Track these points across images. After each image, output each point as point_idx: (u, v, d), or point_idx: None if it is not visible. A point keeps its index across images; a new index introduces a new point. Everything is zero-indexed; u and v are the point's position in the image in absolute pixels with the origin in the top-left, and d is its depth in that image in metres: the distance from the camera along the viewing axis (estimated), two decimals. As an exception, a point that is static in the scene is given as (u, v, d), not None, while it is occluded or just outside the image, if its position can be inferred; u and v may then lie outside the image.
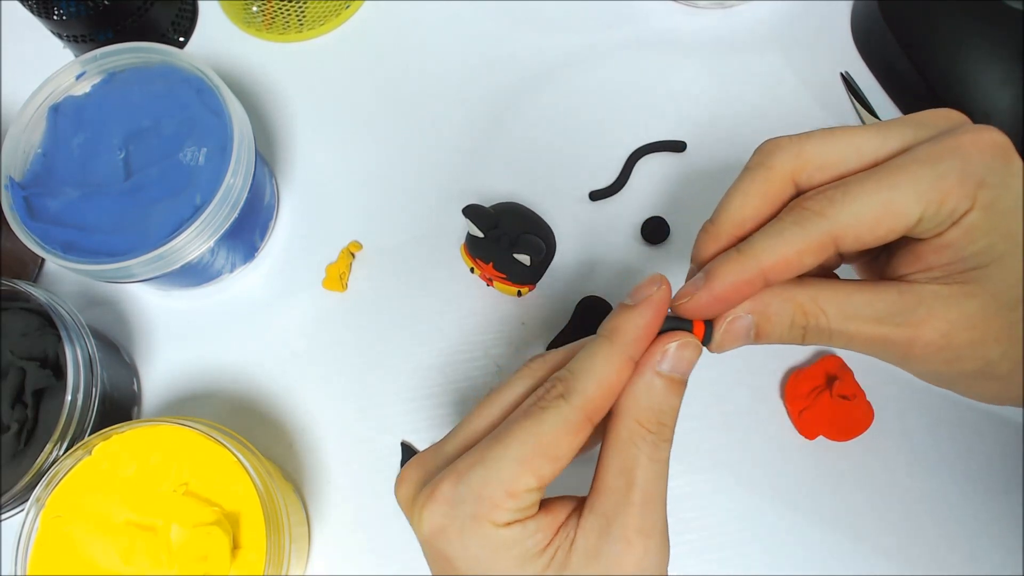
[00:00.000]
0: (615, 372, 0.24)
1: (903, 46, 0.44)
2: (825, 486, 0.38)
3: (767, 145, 0.25)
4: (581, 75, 0.48)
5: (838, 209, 0.23)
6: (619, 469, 0.23)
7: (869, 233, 0.23)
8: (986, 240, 0.22)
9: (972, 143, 0.22)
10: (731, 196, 0.25)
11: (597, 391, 0.23)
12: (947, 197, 0.22)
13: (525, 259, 0.38)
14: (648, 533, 0.23)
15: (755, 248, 0.23)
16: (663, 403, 0.24)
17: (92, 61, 0.40)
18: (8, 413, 0.35)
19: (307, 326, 0.43)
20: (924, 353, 0.23)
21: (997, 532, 0.37)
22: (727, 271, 0.24)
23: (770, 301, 0.24)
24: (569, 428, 0.23)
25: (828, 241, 0.23)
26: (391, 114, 0.47)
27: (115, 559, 0.32)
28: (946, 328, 0.23)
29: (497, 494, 0.22)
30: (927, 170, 0.22)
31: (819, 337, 0.24)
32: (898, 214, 0.22)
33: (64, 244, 0.36)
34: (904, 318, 0.23)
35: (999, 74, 0.41)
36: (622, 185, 0.44)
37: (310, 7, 0.49)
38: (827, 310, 0.24)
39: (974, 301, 0.23)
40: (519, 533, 0.23)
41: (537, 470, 0.22)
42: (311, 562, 0.38)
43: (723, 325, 0.24)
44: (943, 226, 0.23)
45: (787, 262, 0.23)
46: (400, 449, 0.40)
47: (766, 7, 0.49)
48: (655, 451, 0.23)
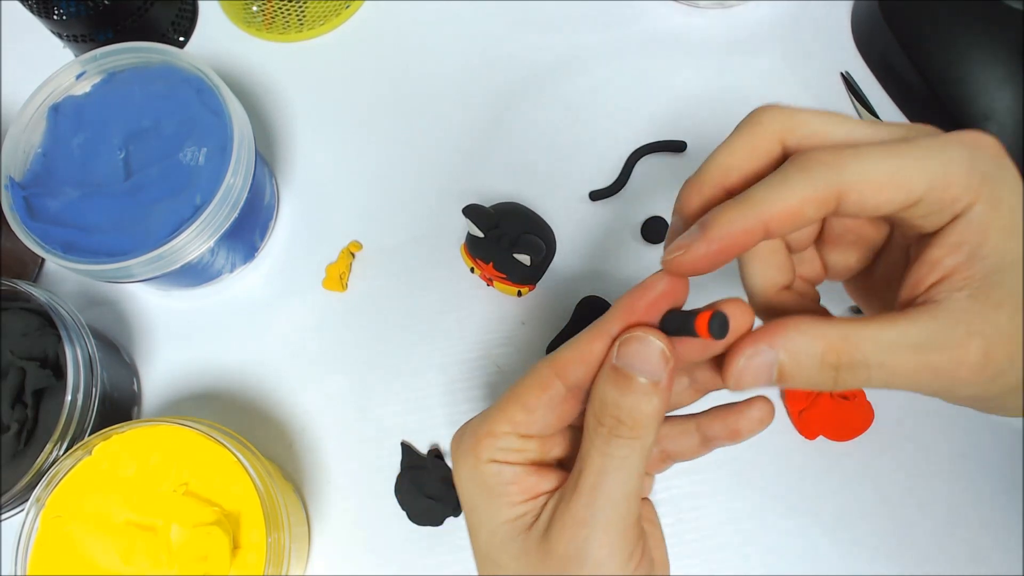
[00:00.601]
0: (590, 340, 0.24)
1: (903, 46, 0.44)
2: (825, 486, 0.38)
3: (760, 107, 0.25)
4: (581, 75, 0.48)
5: (847, 163, 0.22)
6: (579, 455, 0.24)
7: (874, 195, 0.22)
8: (998, 237, 0.22)
9: (976, 140, 0.22)
10: (718, 149, 0.25)
11: (568, 353, 0.24)
12: (952, 182, 0.22)
13: (525, 259, 0.38)
14: (582, 523, 0.23)
15: (755, 196, 0.22)
16: (615, 398, 0.23)
17: (92, 61, 0.40)
18: (8, 413, 0.35)
19: (307, 326, 0.43)
20: (969, 376, 0.22)
21: (997, 532, 0.37)
22: (725, 219, 0.22)
23: (795, 338, 0.22)
24: (537, 381, 0.25)
25: (832, 195, 0.22)
26: (391, 114, 0.47)
27: (115, 559, 0.32)
28: (985, 345, 0.22)
29: (480, 433, 0.25)
30: (936, 152, 0.22)
31: (855, 376, 0.22)
32: (903, 184, 0.22)
33: (64, 244, 0.36)
34: (946, 341, 0.22)
35: (999, 74, 0.41)
36: (622, 185, 0.44)
37: (310, 7, 0.49)
38: (862, 346, 0.22)
39: (1003, 311, 0.22)
40: (494, 472, 0.25)
41: (509, 417, 0.25)
42: (311, 562, 0.38)
43: (742, 360, 0.23)
44: (943, 215, 0.22)
45: (789, 211, 0.22)
46: (400, 449, 0.40)
47: (766, 7, 0.49)
48: (606, 446, 0.23)
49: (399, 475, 0.39)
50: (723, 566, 0.37)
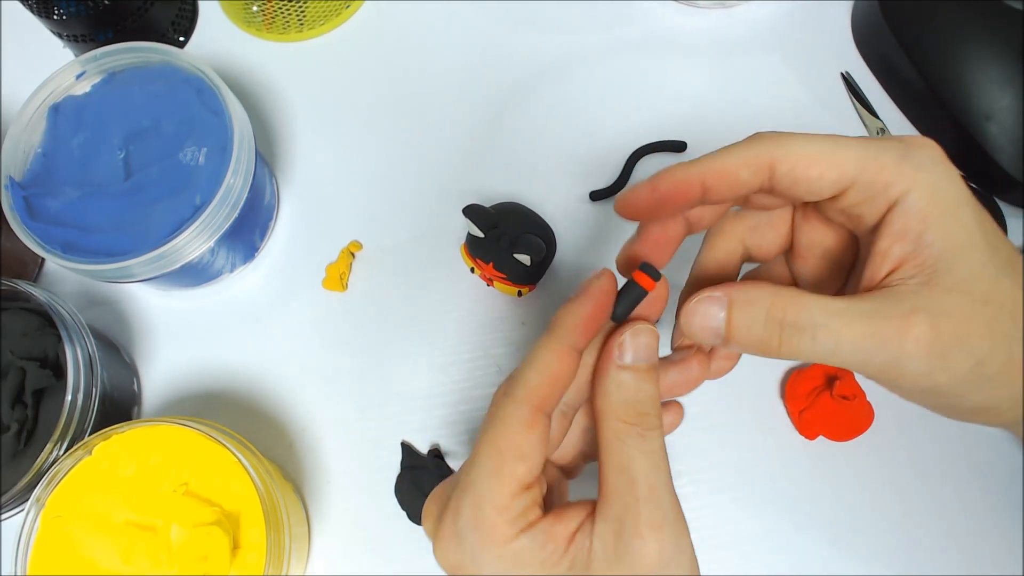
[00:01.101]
0: (555, 360, 0.24)
1: (903, 46, 0.44)
2: (825, 486, 0.38)
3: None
4: (581, 75, 0.48)
5: (785, 140, 0.24)
6: (616, 469, 0.23)
7: (805, 170, 0.23)
8: (940, 224, 0.23)
9: (916, 140, 0.24)
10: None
11: (538, 379, 0.23)
12: (883, 170, 0.23)
13: (525, 259, 0.38)
14: (658, 525, 0.23)
15: (701, 159, 0.25)
16: (637, 394, 0.24)
17: (92, 61, 0.40)
18: (8, 413, 0.35)
19: (307, 326, 0.43)
20: (917, 348, 0.22)
21: (997, 532, 0.37)
22: (669, 173, 0.25)
23: (745, 289, 0.24)
24: (522, 424, 0.23)
25: (765, 160, 0.24)
26: (391, 114, 0.47)
27: (115, 559, 0.32)
28: (932, 320, 0.22)
29: (488, 515, 0.22)
30: (869, 143, 0.24)
31: (799, 337, 0.23)
32: (835, 162, 0.23)
33: (64, 244, 0.36)
34: (890, 311, 0.23)
35: (999, 74, 0.41)
36: (622, 185, 0.44)
37: (310, 7, 0.49)
38: (809, 306, 0.23)
39: (950, 296, 0.23)
40: (529, 544, 0.23)
41: (511, 474, 0.23)
42: (311, 562, 0.38)
43: (692, 302, 0.24)
44: (879, 202, 0.23)
45: (725, 169, 0.24)
46: (400, 449, 0.40)
47: (766, 7, 0.49)
48: (643, 443, 0.23)
49: (399, 475, 0.39)
50: (723, 566, 0.37)
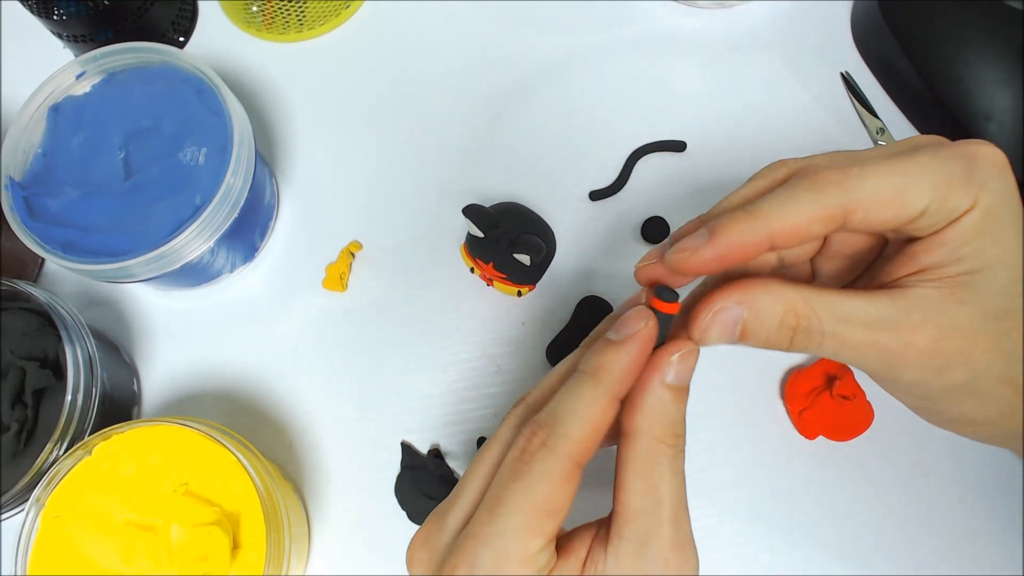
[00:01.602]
0: (600, 413, 0.23)
1: (903, 46, 0.44)
2: (824, 486, 0.38)
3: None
4: (581, 75, 0.48)
5: (855, 183, 0.22)
6: (645, 490, 0.23)
7: (879, 213, 0.22)
8: (979, 242, 0.23)
9: (978, 151, 0.23)
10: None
11: (582, 434, 0.23)
12: (952, 192, 0.22)
13: (525, 259, 0.38)
14: (683, 546, 0.23)
15: (764, 209, 0.23)
16: (676, 415, 0.24)
17: (92, 61, 0.40)
18: (8, 413, 0.35)
19: (307, 326, 0.43)
20: (915, 360, 0.23)
21: (997, 532, 0.37)
22: (733, 229, 0.23)
23: (760, 296, 0.23)
24: (560, 479, 0.23)
25: (840, 213, 0.22)
26: (391, 114, 0.47)
27: (115, 559, 0.32)
28: (937, 334, 0.23)
29: (511, 568, 0.22)
30: (938, 164, 0.22)
31: (809, 340, 0.23)
32: (908, 200, 0.22)
33: (64, 244, 0.36)
34: (898, 322, 0.23)
35: (999, 74, 0.41)
36: (622, 185, 0.44)
37: (310, 7, 0.49)
38: (819, 311, 0.23)
39: (964, 308, 0.23)
40: None
41: (540, 529, 0.22)
42: (311, 562, 0.38)
43: (709, 314, 0.23)
44: (942, 223, 0.23)
45: (796, 227, 0.22)
46: (400, 449, 0.40)
47: (766, 7, 0.49)
48: (676, 463, 0.23)
49: (399, 475, 0.39)
50: (723, 566, 0.37)
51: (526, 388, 0.41)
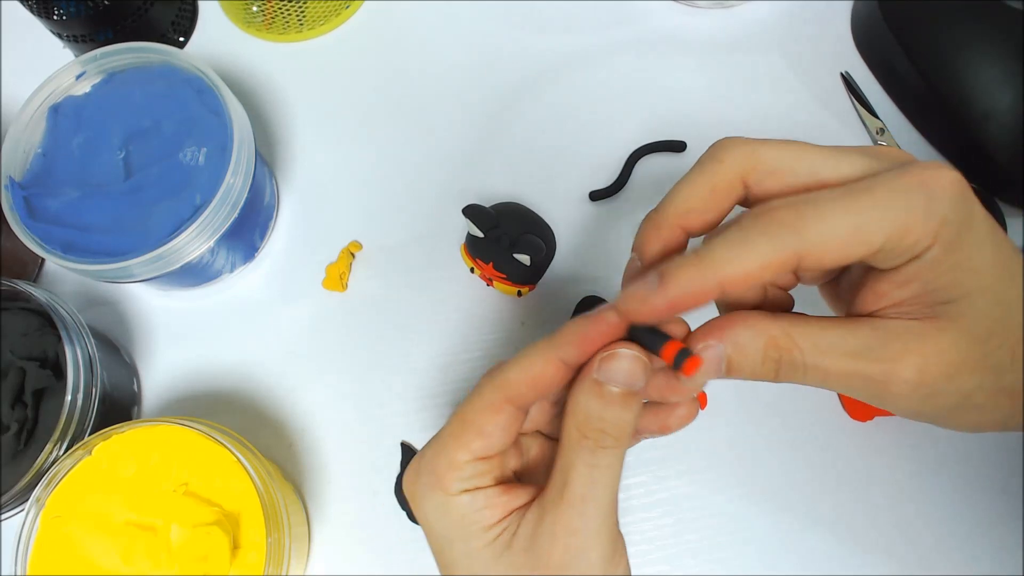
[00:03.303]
0: (540, 363, 0.24)
1: (903, 46, 0.44)
2: (824, 487, 0.38)
3: (721, 141, 0.25)
4: (581, 75, 0.48)
5: (809, 226, 0.22)
6: (559, 467, 0.24)
7: (832, 255, 0.22)
8: (951, 276, 0.22)
9: (935, 180, 0.22)
10: (678, 187, 0.26)
11: (516, 375, 0.24)
12: (910, 230, 0.22)
13: (525, 259, 0.38)
14: (575, 532, 0.23)
15: (715, 256, 0.22)
16: (601, 412, 0.24)
17: (92, 61, 0.40)
18: (8, 413, 0.35)
19: (307, 326, 0.43)
20: (901, 391, 0.23)
21: (997, 532, 0.37)
22: (683, 277, 0.22)
23: (741, 332, 0.23)
24: (487, 405, 0.24)
25: (792, 258, 0.22)
26: (391, 114, 0.47)
27: (115, 559, 0.32)
28: (921, 363, 0.22)
29: (441, 466, 0.25)
30: (896, 199, 0.22)
31: (793, 372, 0.23)
32: (863, 241, 0.22)
33: (64, 244, 0.36)
34: (880, 353, 0.22)
35: (999, 74, 0.41)
36: (622, 185, 0.44)
37: (310, 7, 0.49)
38: (801, 344, 0.23)
39: (946, 336, 0.22)
40: (468, 502, 0.25)
41: (467, 444, 0.24)
42: (311, 562, 0.38)
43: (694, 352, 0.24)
44: (901, 259, 0.22)
45: (747, 275, 0.22)
46: (400, 449, 0.40)
47: (766, 7, 0.49)
48: (591, 456, 0.24)
49: (399, 475, 0.39)
50: (723, 566, 0.37)
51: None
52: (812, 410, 0.39)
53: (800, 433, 0.39)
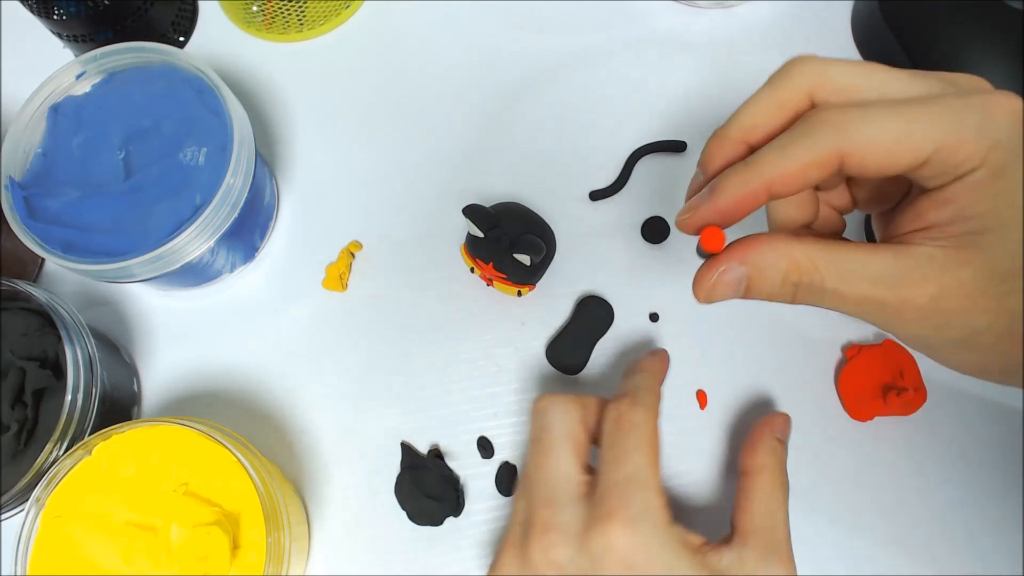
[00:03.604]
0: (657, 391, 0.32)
1: (903, 46, 0.44)
2: (823, 487, 0.38)
3: (793, 59, 0.25)
4: (581, 75, 0.48)
5: (854, 126, 0.22)
6: (765, 513, 0.29)
7: (876, 159, 0.22)
8: (990, 203, 0.22)
9: (996, 104, 0.22)
10: (746, 103, 0.26)
11: (652, 398, 0.30)
12: (961, 147, 0.22)
13: (525, 259, 0.38)
14: (791, 559, 0.30)
15: (761, 160, 0.23)
16: (785, 463, 0.32)
17: (92, 61, 0.40)
18: (8, 413, 0.35)
19: (307, 326, 0.43)
20: (913, 317, 0.23)
21: (997, 532, 0.37)
22: (731, 183, 0.24)
23: (765, 253, 0.24)
24: (650, 433, 0.29)
25: (834, 157, 0.22)
26: (391, 114, 0.47)
27: (115, 559, 0.32)
28: (937, 292, 0.22)
29: (657, 500, 0.26)
30: (949, 115, 0.22)
31: (810, 295, 0.24)
32: (910, 149, 0.22)
33: (64, 244, 0.36)
34: (898, 280, 0.23)
35: (999, 74, 0.41)
36: (622, 185, 0.44)
37: (310, 7, 0.49)
38: (822, 268, 0.23)
39: (968, 268, 0.22)
40: (679, 528, 0.27)
41: (659, 467, 0.28)
42: (311, 562, 0.38)
43: (714, 275, 0.25)
44: (947, 177, 0.22)
45: (791, 175, 0.23)
46: (400, 450, 0.40)
47: (766, 7, 0.49)
48: (786, 497, 0.31)
49: (399, 475, 0.39)
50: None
51: (526, 388, 0.41)
52: (812, 410, 0.39)
53: (799, 434, 0.39)
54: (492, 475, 0.39)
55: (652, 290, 0.42)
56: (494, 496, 0.39)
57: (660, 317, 0.42)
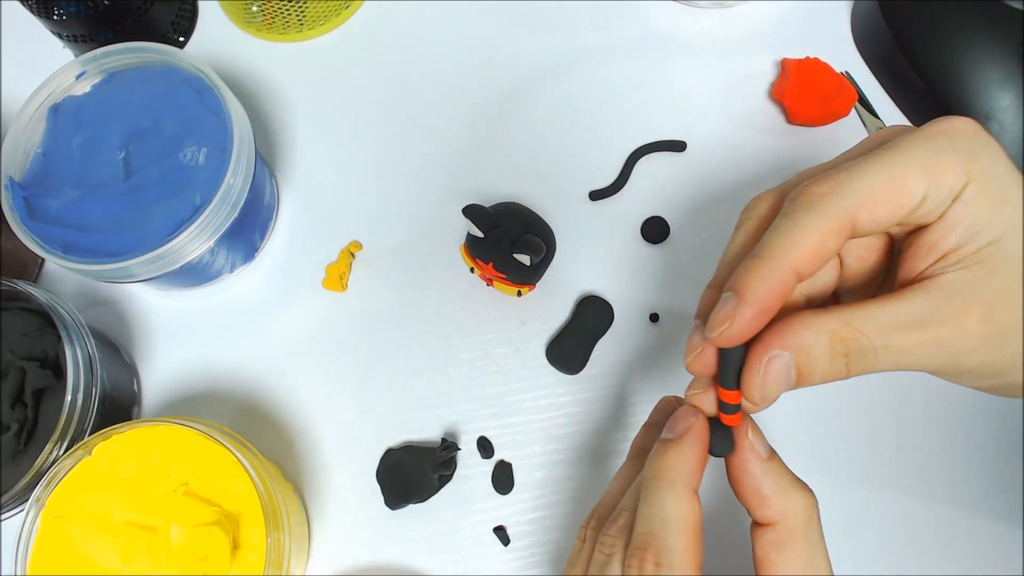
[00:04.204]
0: (691, 511, 0.24)
1: (903, 46, 0.44)
2: (823, 487, 0.38)
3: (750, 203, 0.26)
4: (581, 75, 0.48)
5: (849, 187, 0.22)
6: (805, 565, 0.24)
7: (883, 208, 0.22)
8: (992, 212, 0.22)
9: (950, 124, 0.23)
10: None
11: (686, 543, 0.24)
12: (946, 172, 0.22)
13: (525, 259, 0.38)
14: None
15: (773, 246, 0.22)
16: (795, 479, 0.26)
17: (92, 61, 0.40)
18: (8, 413, 0.35)
19: (307, 326, 0.43)
20: (974, 342, 0.22)
21: (997, 532, 0.37)
22: (756, 279, 0.22)
23: (802, 334, 0.23)
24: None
25: (847, 220, 0.22)
26: (391, 114, 0.47)
27: (115, 559, 0.32)
28: (985, 312, 0.22)
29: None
30: (921, 148, 0.22)
31: (864, 360, 0.23)
32: (906, 189, 0.22)
33: (64, 244, 0.36)
34: (944, 313, 0.22)
35: (999, 74, 0.41)
36: (622, 185, 0.44)
37: (310, 7, 0.49)
38: (863, 328, 0.22)
39: (998, 278, 0.22)
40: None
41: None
42: (311, 562, 0.38)
43: (761, 368, 0.23)
44: (944, 203, 0.22)
45: (813, 251, 0.22)
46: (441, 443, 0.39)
47: (766, 7, 0.49)
48: (821, 529, 0.25)
49: (379, 464, 0.39)
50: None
51: (526, 388, 0.41)
52: (813, 411, 0.39)
53: (797, 435, 0.39)
54: (490, 475, 0.39)
55: (652, 290, 0.42)
56: (493, 496, 0.39)
57: (660, 317, 0.42)
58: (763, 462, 0.25)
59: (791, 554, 0.24)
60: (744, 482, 0.25)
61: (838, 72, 0.45)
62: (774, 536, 0.24)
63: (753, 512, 0.25)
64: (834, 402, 0.39)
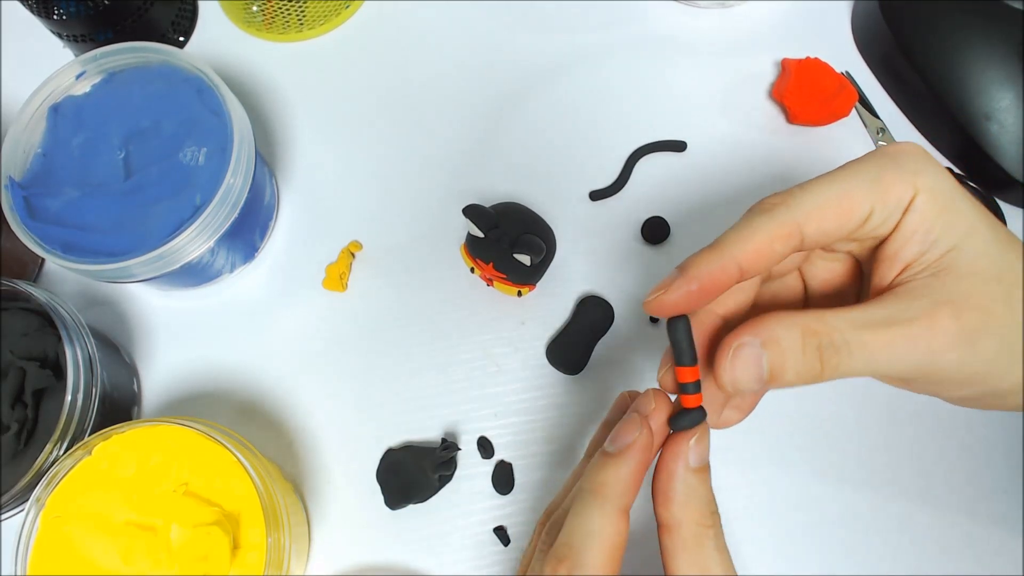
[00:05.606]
0: (613, 531, 0.24)
1: (903, 46, 0.44)
2: (822, 487, 0.38)
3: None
4: (581, 75, 0.48)
5: (798, 200, 0.24)
6: (699, 571, 0.24)
7: (830, 220, 0.24)
8: (944, 218, 0.24)
9: (897, 147, 0.25)
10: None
11: (601, 559, 0.24)
12: (891, 186, 0.24)
13: (525, 259, 0.38)
14: None
15: (726, 241, 0.24)
16: (707, 494, 0.25)
17: (92, 61, 0.40)
18: (8, 413, 0.35)
19: (307, 326, 0.43)
20: (946, 340, 0.23)
21: (997, 531, 0.37)
22: (700, 260, 0.24)
23: (774, 327, 0.23)
24: None
25: (794, 229, 0.24)
26: (391, 114, 0.47)
27: (115, 559, 0.32)
28: (954, 310, 0.23)
29: None
30: (869, 166, 0.24)
31: (838, 357, 0.23)
32: (852, 202, 0.24)
33: (64, 244, 0.36)
34: (913, 312, 0.23)
35: (999, 74, 0.42)
36: (622, 185, 0.44)
37: (310, 7, 0.49)
38: (836, 324, 0.23)
39: (964, 281, 0.23)
40: None
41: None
42: (311, 562, 0.38)
43: (729, 353, 0.23)
44: (896, 215, 0.24)
45: (758, 250, 0.24)
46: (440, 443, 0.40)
47: (766, 7, 0.49)
48: (719, 540, 0.24)
49: (379, 464, 0.39)
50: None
51: (526, 388, 0.41)
52: (812, 411, 0.39)
53: (796, 436, 0.39)
54: (490, 475, 0.39)
55: (652, 290, 0.42)
56: (493, 496, 0.39)
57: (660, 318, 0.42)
58: (686, 469, 0.25)
59: (682, 562, 0.24)
60: (661, 476, 0.25)
61: (838, 72, 0.45)
62: (668, 541, 0.25)
63: (655, 507, 0.25)
64: (834, 406, 0.39)
